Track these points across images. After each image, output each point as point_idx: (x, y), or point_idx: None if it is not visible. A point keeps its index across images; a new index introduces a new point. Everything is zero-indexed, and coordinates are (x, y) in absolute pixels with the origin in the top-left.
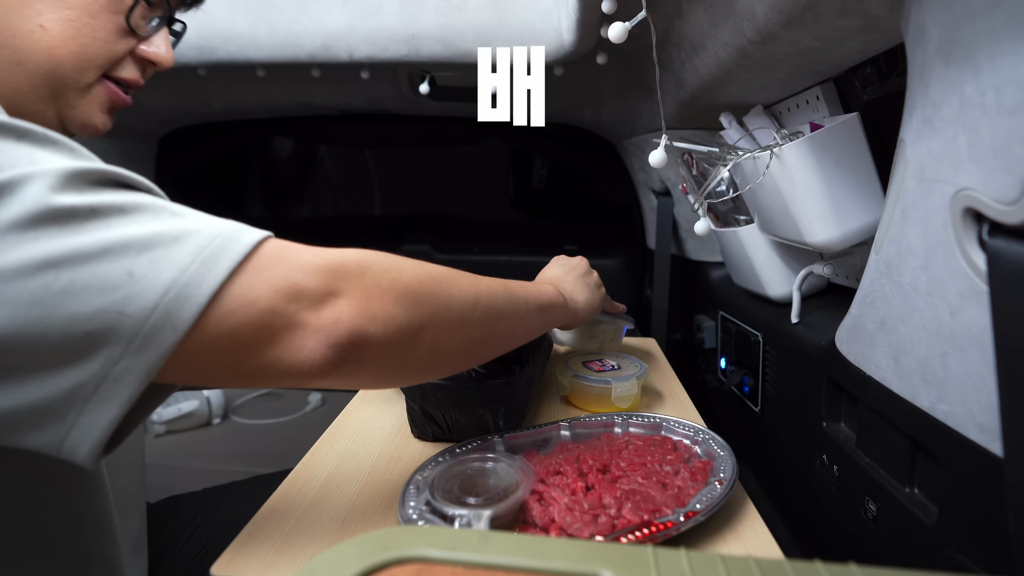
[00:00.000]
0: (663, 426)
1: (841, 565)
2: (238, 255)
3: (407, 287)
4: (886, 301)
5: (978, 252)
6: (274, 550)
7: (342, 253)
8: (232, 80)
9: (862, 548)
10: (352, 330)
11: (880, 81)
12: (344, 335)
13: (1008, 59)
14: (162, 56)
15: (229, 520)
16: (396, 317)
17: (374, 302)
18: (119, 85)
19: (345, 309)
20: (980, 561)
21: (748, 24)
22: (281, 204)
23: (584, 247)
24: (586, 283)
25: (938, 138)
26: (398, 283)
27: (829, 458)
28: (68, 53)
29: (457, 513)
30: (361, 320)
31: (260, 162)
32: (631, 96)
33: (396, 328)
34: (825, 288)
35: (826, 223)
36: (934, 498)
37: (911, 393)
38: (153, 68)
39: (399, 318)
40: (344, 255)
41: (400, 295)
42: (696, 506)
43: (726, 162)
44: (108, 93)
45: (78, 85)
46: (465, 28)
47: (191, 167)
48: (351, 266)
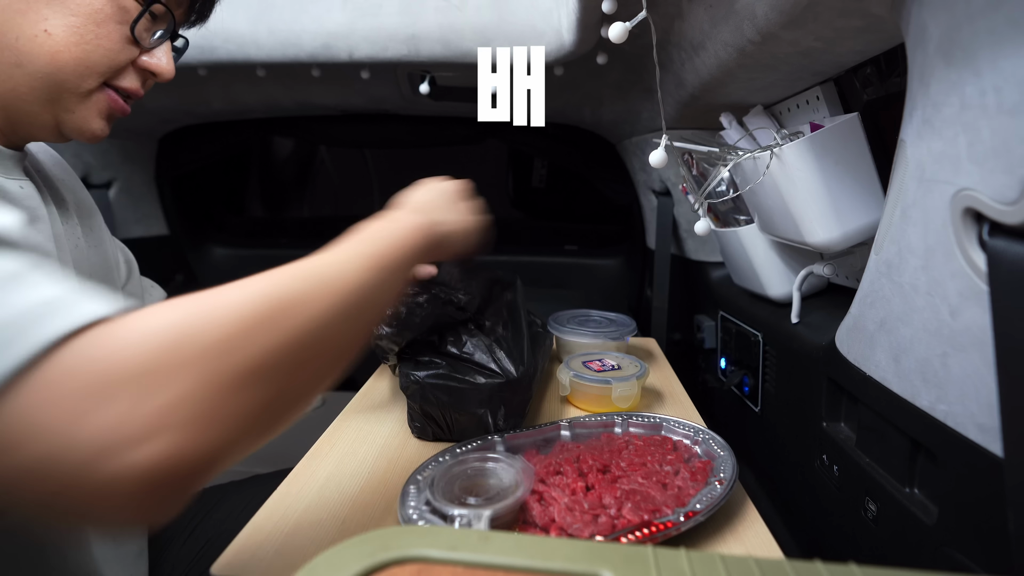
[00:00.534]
0: (663, 426)
1: (841, 565)
2: (18, 359)
3: (246, 369)
4: (886, 301)
5: (978, 252)
6: (274, 550)
7: (159, 343)
8: (232, 80)
9: (862, 548)
10: (178, 466)
11: (880, 81)
12: (168, 474)
13: (1008, 59)
14: (163, 68)
15: (229, 520)
16: (239, 411)
17: (204, 418)
18: (119, 93)
19: (165, 446)
20: (980, 561)
21: (748, 24)
22: (281, 204)
23: (584, 247)
24: (456, 208)
25: (938, 138)
26: (234, 369)
27: (829, 458)
28: (70, 59)
29: (457, 513)
30: (189, 451)
31: (260, 162)
32: (631, 96)
33: (243, 424)
34: (825, 288)
35: (826, 223)
36: (934, 498)
37: (911, 393)
38: (153, 79)
39: (244, 409)
40: (161, 346)
41: (239, 383)
42: (696, 506)
43: (726, 162)
44: (108, 101)
45: (78, 91)
46: (465, 28)
47: (191, 167)
48: (170, 370)
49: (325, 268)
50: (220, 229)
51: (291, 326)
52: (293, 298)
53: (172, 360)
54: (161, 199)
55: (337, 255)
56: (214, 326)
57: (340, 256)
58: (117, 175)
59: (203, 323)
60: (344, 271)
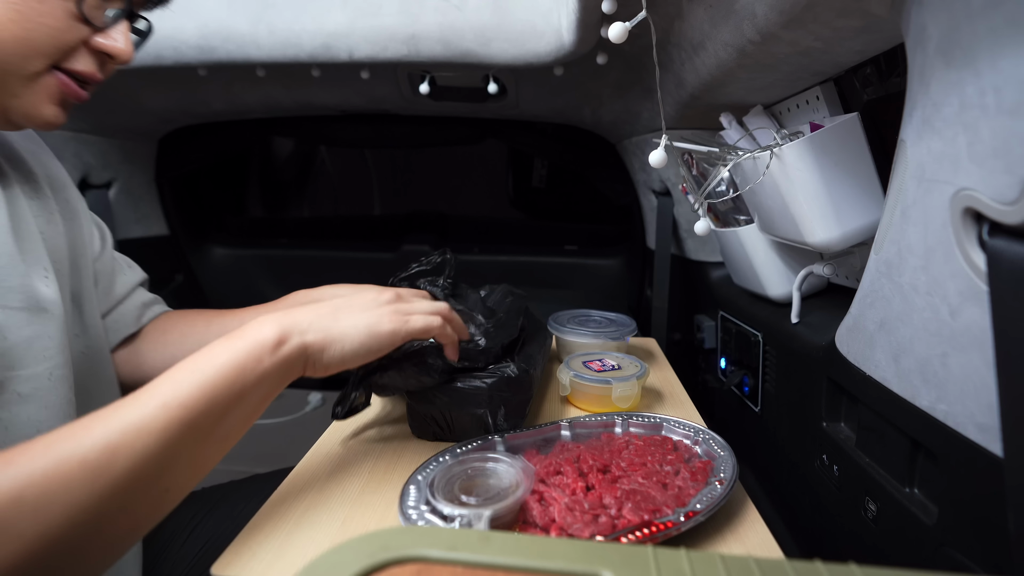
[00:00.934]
0: (663, 426)
1: (841, 565)
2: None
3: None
4: (886, 301)
5: (978, 252)
6: (274, 550)
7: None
8: (232, 80)
9: (862, 548)
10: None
11: (880, 81)
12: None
13: (1008, 59)
14: (120, 50)
15: (228, 519)
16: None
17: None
18: (73, 78)
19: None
20: (980, 561)
21: (748, 24)
22: (281, 204)
23: (584, 247)
24: (354, 316)
25: (938, 138)
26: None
27: (829, 458)
28: (10, 37)
29: (457, 513)
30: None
31: (260, 162)
32: (631, 96)
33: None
34: (825, 288)
35: (826, 223)
36: (934, 498)
37: (911, 393)
38: (113, 63)
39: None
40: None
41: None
42: (696, 506)
43: (726, 162)
44: (59, 85)
45: (22, 73)
46: (465, 28)
47: (191, 167)
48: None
49: (84, 443)
50: (220, 229)
51: (11, 543)
52: (16, 502)
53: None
54: (161, 199)
55: (129, 412)
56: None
57: (120, 417)
58: (117, 175)
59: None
60: (113, 443)
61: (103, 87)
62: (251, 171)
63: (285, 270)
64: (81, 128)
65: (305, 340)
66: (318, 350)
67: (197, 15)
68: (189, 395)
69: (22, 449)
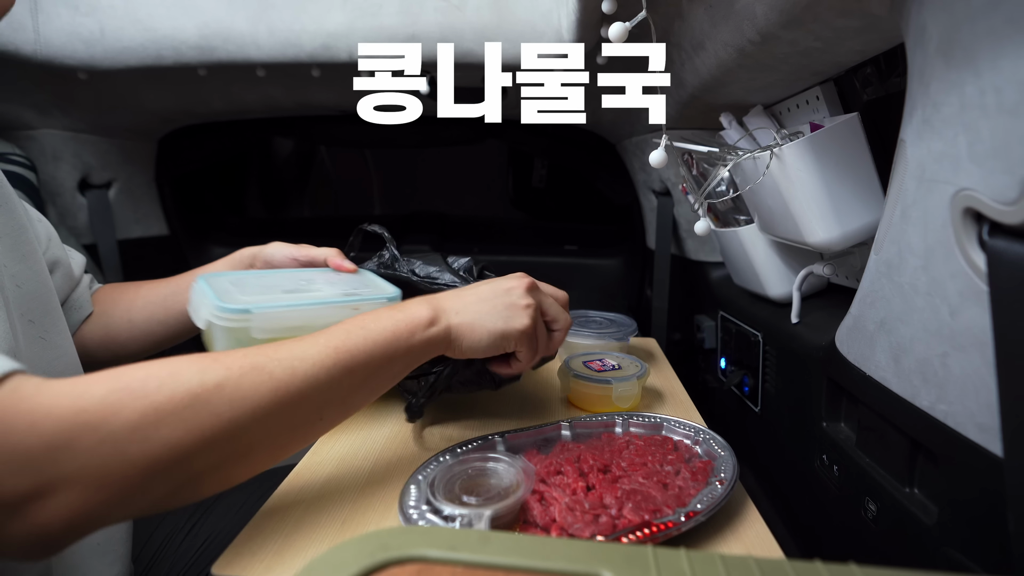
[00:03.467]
0: (664, 426)
1: (841, 565)
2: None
3: (150, 460)
4: (886, 301)
5: (978, 252)
6: (274, 550)
7: (71, 424)
8: (232, 80)
9: (862, 548)
10: (68, 527)
11: (880, 81)
12: (59, 534)
13: (1008, 59)
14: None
15: (228, 519)
16: (137, 497)
17: (100, 493)
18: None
19: (57, 510)
20: (980, 561)
21: (748, 24)
22: (281, 204)
23: (584, 247)
24: (493, 306)
25: (938, 138)
26: (140, 458)
27: (829, 458)
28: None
29: (457, 513)
30: (81, 518)
31: (260, 162)
32: None
33: (140, 506)
34: (825, 288)
35: (826, 223)
36: (934, 498)
37: (911, 393)
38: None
39: (144, 495)
40: (72, 427)
41: (142, 474)
42: (697, 506)
43: (726, 162)
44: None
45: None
46: (465, 28)
47: (191, 167)
48: (74, 446)
49: (274, 360)
50: (220, 229)
51: (208, 419)
52: (222, 388)
53: (78, 445)
54: (161, 199)
55: (305, 345)
56: (127, 411)
57: (305, 349)
58: (117, 175)
59: (116, 407)
60: (294, 366)
61: (103, 86)
62: (251, 171)
63: None
64: (81, 128)
65: (451, 323)
66: (459, 335)
67: (197, 15)
68: (355, 346)
69: (228, 353)
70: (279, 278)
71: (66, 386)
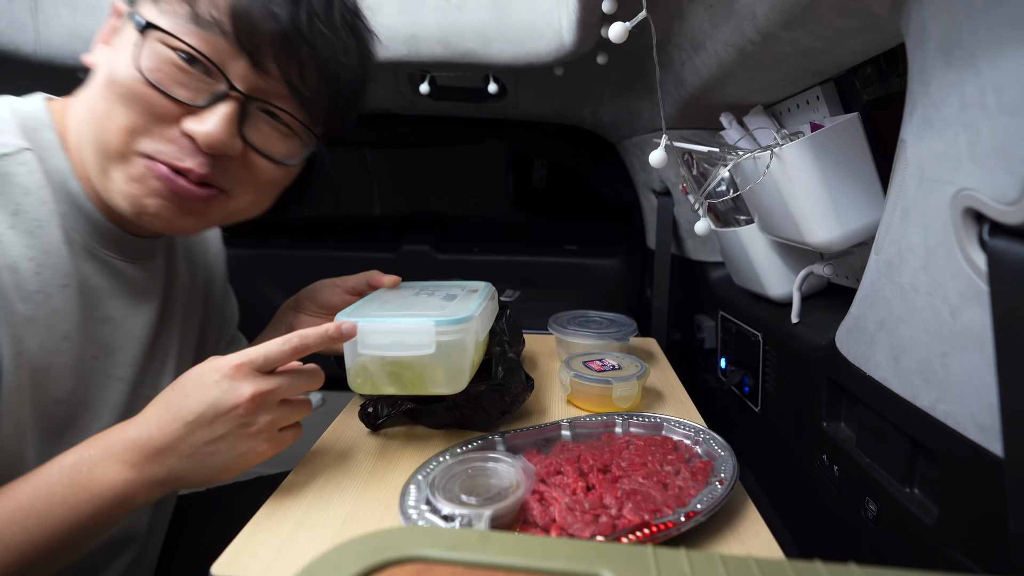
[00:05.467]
0: (664, 426)
1: (841, 565)
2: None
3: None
4: (886, 301)
5: (978, 252)
6: (274, 550)
7: None
8: None
9: (862, 548)
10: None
11: (880, 81)
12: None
13: (1008, 59)
14: (201, 128)
15: (228, 519)
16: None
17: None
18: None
19: None
20: (980, 561)
21: (748, 24)
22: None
23: (584, 247)
24: (234, 445)
25: (938, 138)
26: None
27: (829, 458)
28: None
29: (457, 513)
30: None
31: None
32: (631, 96)
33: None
34: (825, 288)
35: (826, 223)
36: (934, 498)
37: (911, 393)
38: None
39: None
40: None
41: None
42: (697, 506)
43: (726, 162)
44: (153, 172)
45: (112, 153)
46: (465, 28)
47: None
48: None
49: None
50: (220, 229)
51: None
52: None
53: None
54: None
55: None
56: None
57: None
58: None
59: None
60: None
61: None
62: None
63: (285, 270)
64: None
65: (174, 476)
66: (192, 484)
67: None
68: (36, 545)
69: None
70: (397, 299)
71: None
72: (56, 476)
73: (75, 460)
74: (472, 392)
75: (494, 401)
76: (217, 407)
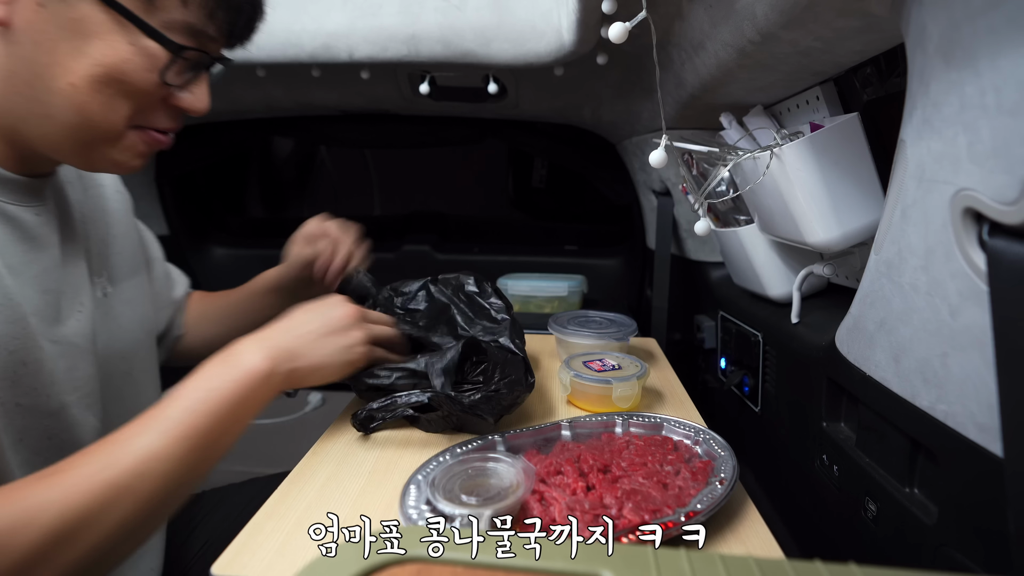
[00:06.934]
0: (664, 426)
1: (841, 565)
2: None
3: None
4: (886, 301)
5: (978, 252)
6: (274, 550)
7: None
8: (232, 80)
9: (862, 548)
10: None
11: (880, 81)
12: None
13: (1008, 59)
14: (200, 107)
15: (228, 520)
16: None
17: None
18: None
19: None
20: (980, 561)
21: (748, 24)
22: (281, 204)
23: (584, 247)
24: (323, 343)
25: (938, 138)
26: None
27: (829, 458)
28: (97, 109)
29: (457, 513)
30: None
31: (260, 162)
32: (631, 96)
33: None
34: (825, 288)
35: (826, 223)
36: (934, 498)
37: (911, 393)
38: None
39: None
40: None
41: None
42: (697, 506)
43: (726, 162)
44: (143, 139)
45: (109, 136)
46: (465, 28)
47: (191, 167)
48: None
49: (127, 470)
50: (220, 229)
51: (79, 551)
52: (83, 521)
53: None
54: (161, 199)
55: (149, 439)
56: (4, 556)
57: (151, 444)
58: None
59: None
60: (144, 470)
61: None
62: (251, 171)
63: None
64: None
65: (293, 367)
66: (300, 377)
67: None
68: (201, 423)
69: (78, 473)
70: None
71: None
72: (211, 365)
73: (224, 353)
74: (467, 402)
75: (491, 407)
76: (331, 313)
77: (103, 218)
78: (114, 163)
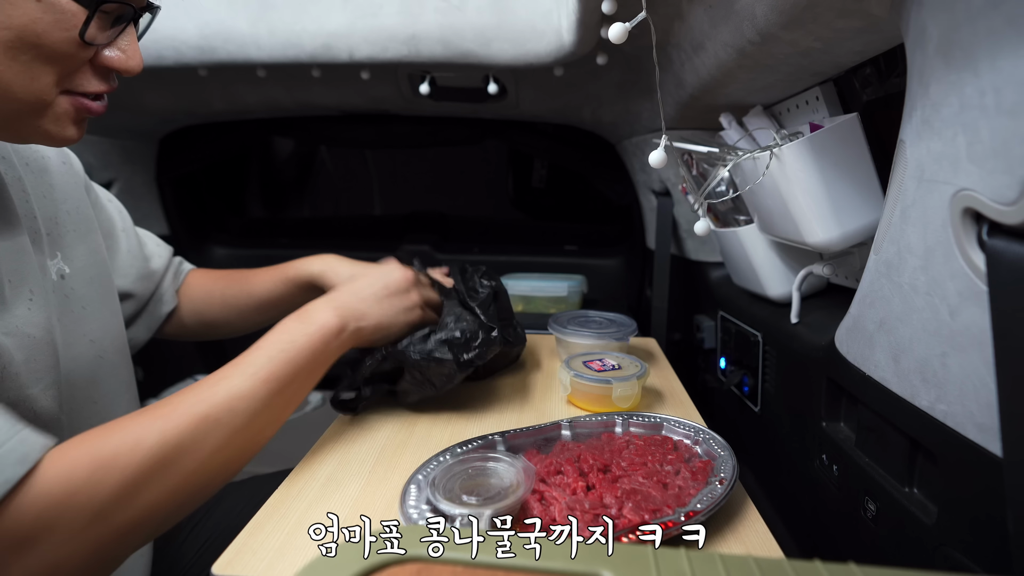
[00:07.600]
0: (663, 426)
1: (841, 565)
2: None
3: (131, 522)
4: (886, 301)
5: (977, 252)
6: (274, 550)
7: (49, 513)
8: (233, 80)
9: (862, 548)
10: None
11: (880, 82)
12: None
13: (1008, 59)
14: (128, 64)
15: (228, 519)
16: (119, 550)
17: (87, 553)
18: (86, 95)
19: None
20: (980, 561)
21: (748, 25)
22: (281, 204)
23: (584, 247)
24: (386, 304)
25: (938, 138)
26: (124, 522)
27: (829, 458)
28: (15, 77)
29: (457, 513)
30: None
31: (260, 162)
32: (631, 96)
33: (120, 556)
34: (825, 288)
35: (826, 223)
36: (933, 498)
37: (910, 393)
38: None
39: (124, 548)
40: (50, 516)
41: (125, 533)
42: (697, 506)
43: (726, 162)
44: (73, 106)
45: (34, 106)
46: (465, 28)
47: (191, 167)
48: (56, 538)
49: (219, 405)
50: (220, 229)
51: (178, 475)
52: (182, 447)
53: (61, 528)
54: (162, 199)
55: (238, 381)
56: (108, 486)
57: (239, 385)
58: (118, 175)
59: (99, 485)
60: (234, 407)
61: None
62: (251, 171)
63: None
64: None
65: (360, 326)
66: (368, 335)
67: (198, 15)
68: (281, 371)
69: (174, 407)
70: None
71: (55, 469)
72: (288, 321)
73: (299, 312)
74: (424, 349)
75: (448, 349)
76: (389, 276)
77: (50, 194)
78: (47, 135)
